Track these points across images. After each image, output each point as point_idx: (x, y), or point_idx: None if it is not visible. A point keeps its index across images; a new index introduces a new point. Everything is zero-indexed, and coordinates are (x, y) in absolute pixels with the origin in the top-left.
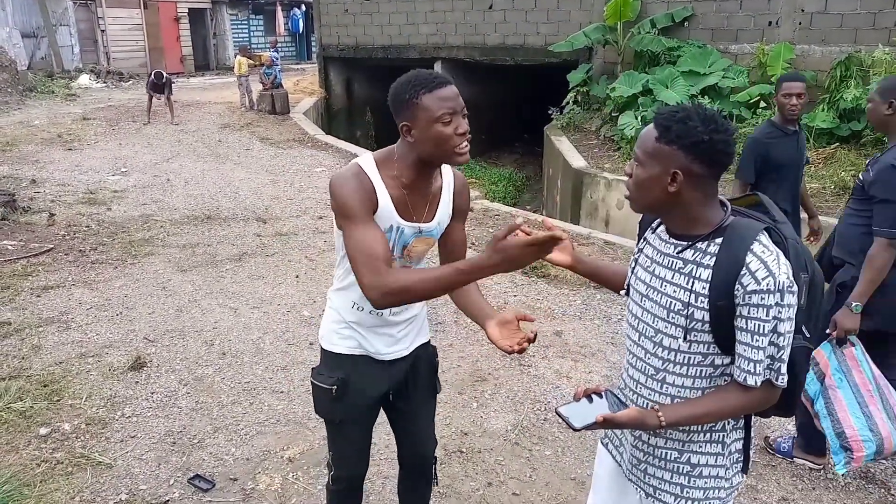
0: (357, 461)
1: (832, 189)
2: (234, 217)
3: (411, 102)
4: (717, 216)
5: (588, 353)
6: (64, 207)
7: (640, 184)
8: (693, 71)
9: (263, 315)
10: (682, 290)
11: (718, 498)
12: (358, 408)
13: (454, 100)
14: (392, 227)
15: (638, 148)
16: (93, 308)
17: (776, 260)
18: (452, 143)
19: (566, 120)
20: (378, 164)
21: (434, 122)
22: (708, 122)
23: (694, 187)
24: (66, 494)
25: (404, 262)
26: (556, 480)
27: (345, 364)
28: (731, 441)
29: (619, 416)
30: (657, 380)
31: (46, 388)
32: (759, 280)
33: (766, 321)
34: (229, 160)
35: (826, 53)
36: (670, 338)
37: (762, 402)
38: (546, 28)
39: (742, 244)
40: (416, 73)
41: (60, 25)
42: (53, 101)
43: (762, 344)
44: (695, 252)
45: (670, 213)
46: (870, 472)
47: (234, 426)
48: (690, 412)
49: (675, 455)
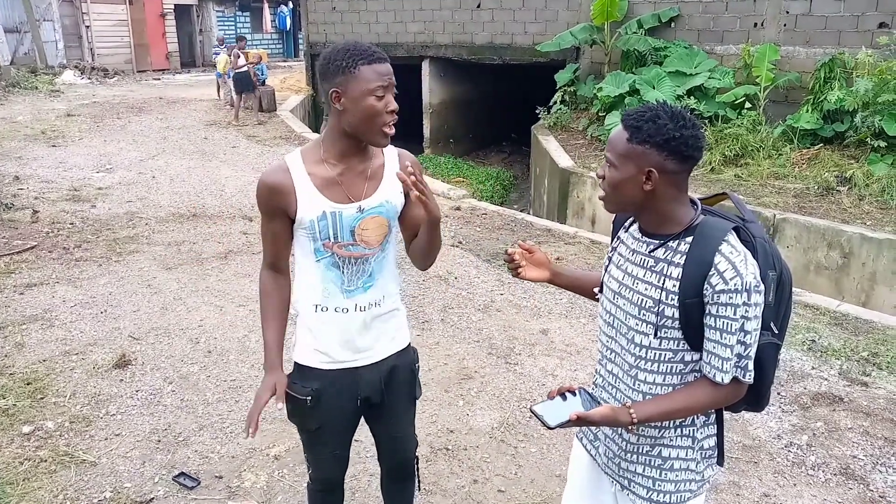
0: (333, 465)
1: (815, 190)
2: (219, 215)
3: (347, 71)
4: (687, 215)
5: (574, 351)
6: (48, 204)
7: (614, 185)
8: (679, 71)
9: (249, 313)
10: (653, 287)
11: (690, 490)
12: (334, 417)
13: (389, 76)
14: (325, 214)
15: (609, 150)
16: (77, 306)
17: (744, 260)
18: (381, 119)
19: (553, 119)
20: (304, 154)
21: (367, 95)
22: (676, 118)
23: (668, 184)
24: (49, 493)
25: (363, 249)
26: (541, 477)
27: (318, 376)
28: (703, 436)
29: (593, 413)
30: (630, 376)
31: (30, 385)
32: (727, 280)
33: (734, 320)
34: (215, 158)
35: (810, 55)
36: (641, 334)
37: (730, 398)
38: (534, 27)
39: (711, 244)
40: (355, 44)
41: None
42: (37, 98)
43: (730, 342)
44: (666, 251)
45: (644, 211)
46: (849, 468)
47: (219, 424)
48: (661, 408)
49: (647, 449)
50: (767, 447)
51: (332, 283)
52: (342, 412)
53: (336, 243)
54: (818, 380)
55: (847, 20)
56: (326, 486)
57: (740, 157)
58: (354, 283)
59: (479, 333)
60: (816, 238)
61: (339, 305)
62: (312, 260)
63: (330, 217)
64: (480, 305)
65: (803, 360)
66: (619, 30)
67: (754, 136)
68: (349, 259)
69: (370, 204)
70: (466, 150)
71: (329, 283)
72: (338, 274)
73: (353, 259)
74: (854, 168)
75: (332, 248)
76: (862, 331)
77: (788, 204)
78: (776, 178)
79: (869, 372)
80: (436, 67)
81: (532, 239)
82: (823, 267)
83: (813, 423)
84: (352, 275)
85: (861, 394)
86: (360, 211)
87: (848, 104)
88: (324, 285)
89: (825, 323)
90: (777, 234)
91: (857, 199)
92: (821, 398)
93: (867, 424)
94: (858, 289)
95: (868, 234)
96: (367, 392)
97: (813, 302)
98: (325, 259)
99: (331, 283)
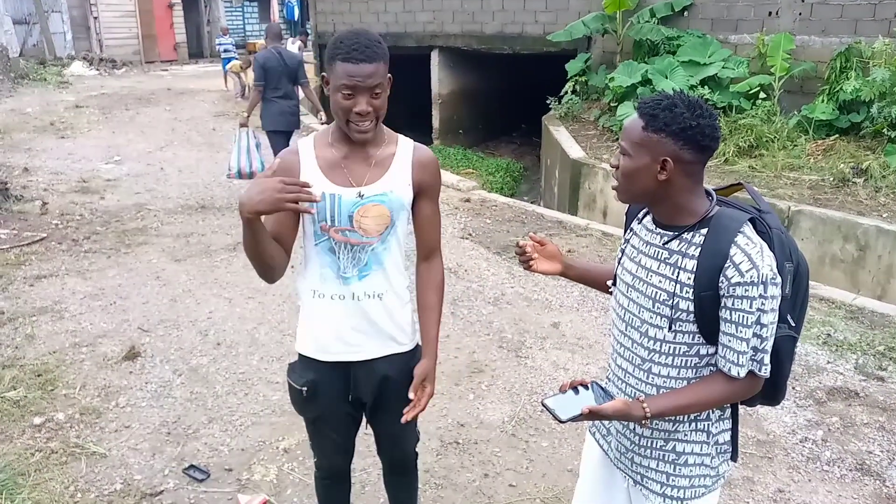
0: (335, 453)
1: (831, 181)
2: (228, 206)
3: (330, 61)
4: (702, 206)
5: (585, 345)
6: (57, 196)
7: (628, 174)
8: (693, 61)
9: (258, 305)
10: (667, 280)
11: (704, 486)
12: (330, 409)
13: (362, 78)
14: (324, 196)
15: (624, 139)
16: (86, 297)
17: (760, 252)
18: (347, 117)
19: (564, 110)
20: (316, 138)
21: (337, 90)
22: (693, 107)
23: (683, 174)
24: (60, 484)
25: (360, 237)
26: (552, 472)
27: (314, 367)
28: (717, 431)
29: (605, 407)
30: (643, 370)
31: (40, 377)
32: (742, 272)
33: (751, 313)
34: (224, 149)
35: (826, 44)
36: (656, 328)
37: (745, 392)
38: (544, 17)
39: (726, 236)
40: (349, 35)
41: (52, 12)
42: (46, 89)
43: (746, 335)
44: (680, 242)
45: (658, 202)
46: (865, 463)
47: (228, 417)
48: (675, 402)
49: (660, 443)
50: (782, 442)
51: (328, 269)
52: (338, 405)
53: (333, 227)
54: (833, 374)
55: (864, 8)
56: (331, 474)
57: (755, 148)
58: (350, 270)
59: (489, 326)
60: (832, 230)
61: (335, 293)
62: (312, 243)
63: (329, 199)
64: (491, 298)
65: (819, 355)
66: (631, 19)
67: (769, 127)
68: (345, 245)
69: (371, 191)
70: (476, 140)
71: (325, 269)
72: (333, 259)
73: (350, 245)
74: (870, 159)
75: (328, 231)
76: (878, 325)
77: (803, 196)
78: (791, 169)
79: (885, 366)
80: (445, 57)
81: (543, 231)
82: (839, 260)
83: (828, 418)
84: (347, 262)
85: (877, 388)
86: (359, 196)
87: (864, 94)
88: (320, 270)
89: (841, 317)
90: (792, 226)
91: (874, 191)
92: (836, 393)
93: (883, 420)
94: (874, 282)
95: (884, 226)
96: (359, 393)
97: (828, 295)
98: (322, 243)
99: (326, 269)
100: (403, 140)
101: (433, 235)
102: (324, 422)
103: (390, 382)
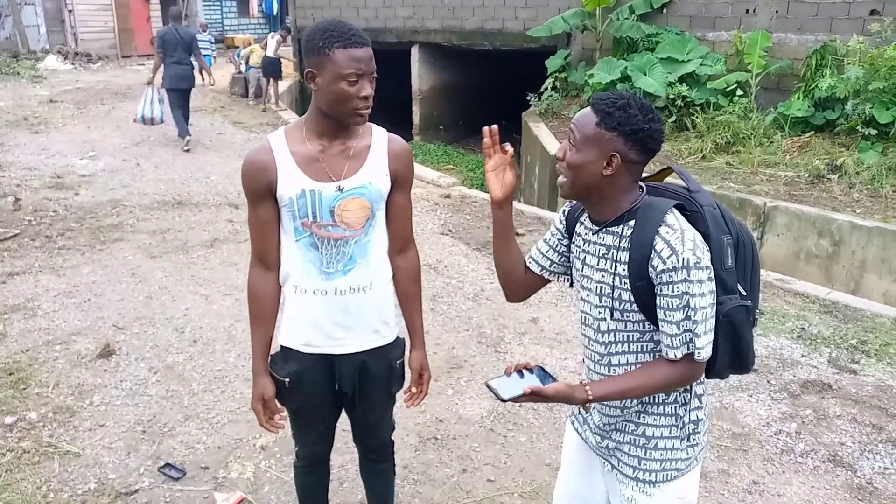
0: (316, 441)
1: (806, 177)
2: (205, 202)
3: (323, 52)
4: (631, 200)
5: (563, 340)
6: (30, 192)
7: (575, 167)
8: (671, 58)
9: (235, 302)
10: (608, 274)
11: (676, 469)
12: (313, 399)
13: (366, 62)
14: (304, 192)
15: (576, 132)
16: (60, 295)
17: (680, 238)
18: (352, 104)
19: (544, 106)
20: (288, 133)
21: (339, 80)
22: (645, 111)
23: (626, 172)
24: (32, 484)
25: (343, 231)
26: (530, 466)
27: (297, 357)
28: (685, 414)
29: (547, 388)
30: (604, 364)
31: (12, 376)
32: (664, 259)
33: (677, 297)
34: (200, 144)
35: (802, 42)
36: (605, 321)
37: (688, 376)
38: (525, 13)
39: (650, 226)
40: (336, 24)
41: (25, 4)
42: (19, 83)
43: (676, 318)
44: (614, 237)
45: (597, 198)
46: (837, 454)
47: (205, 414)
48: (618, 387)
49: (631, 427)
50: (756, 435)
51: (311, 264)
52: (321, 396)
53: (315, 223)
54: (807, 367)
55: (839, 7)
56: (312, 461)
57: (732, 145)
58: (334, 265)
59: (468, 322)
60: (807, 226)
61: (317, 287)
62: (293, 239)
63: (309, 195)
64: (470, 294)
65: (793, 348)
66: (610, 15)
67: (746, 124)
68: (328, 240)
69: (351, 184)
70: (456, 137)
71: (308, 264)
72: (316, 255)
73: (333, 240)
74: (845, 156)
75: (310, 227)
76: (851, 319)
77: (779, 192)
78: (767, 165)
79: (858, 359)
80: (425, 53)
81: (522, 227)
82: (814, 255)
83: (802, 411)
84: (331, 256)
85: (850, 381)
86: (339, 190)
87: (839, 92)
88: (303, 266)
89: (815, 311)
90: (768, 221)
91: (848, 187)
92: (810, 386)
93: (855, 412)
94: (848, 277)
95: (858, 221)
96: (343, 384)
97: (803, 290)
98: (304, 239)
99: (309, 264)
100: (377, 130)
101: (407, 225)
102: (307, 412)
103: (370, 373)
